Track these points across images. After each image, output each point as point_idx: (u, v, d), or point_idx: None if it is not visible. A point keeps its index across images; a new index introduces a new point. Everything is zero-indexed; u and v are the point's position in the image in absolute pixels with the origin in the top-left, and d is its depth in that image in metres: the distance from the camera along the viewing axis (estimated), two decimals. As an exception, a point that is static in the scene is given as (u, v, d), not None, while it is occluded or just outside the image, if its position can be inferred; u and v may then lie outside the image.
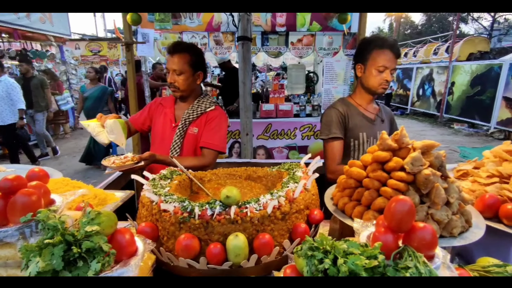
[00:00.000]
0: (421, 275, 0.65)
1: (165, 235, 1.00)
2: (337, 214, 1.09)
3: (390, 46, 1.57)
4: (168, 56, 1.73)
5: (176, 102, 1.91)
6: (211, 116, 1.83)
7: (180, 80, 1.73)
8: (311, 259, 0.71)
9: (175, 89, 1.76)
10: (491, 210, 1.07)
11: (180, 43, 1.82)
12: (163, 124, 1.86)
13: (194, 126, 1.81)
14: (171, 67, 1.72)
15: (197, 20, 4.04)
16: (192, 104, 1.84)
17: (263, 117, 4.32)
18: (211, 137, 1.80)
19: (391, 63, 1.57)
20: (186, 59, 1.72)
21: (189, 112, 1.81)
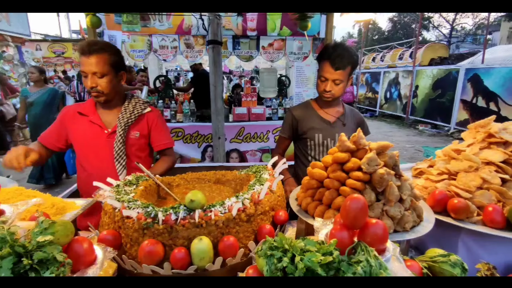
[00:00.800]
0: (371, 268, 0.69)
1: (128, 242, 0.98)
2: (300, 214, 1.13)
3: (330, 59, 1.64)
4: (83, 57, 1.54)
5: (97, 108, 1.73)
6: (153, 118, 1.80)
7: (103, 83, 1.58)
8: (270, 258, 0.73)
9: (98, 94, 1.60)
10: (440, 204, 1.15)
11: (95, 42, 1.61)
12: (92, 134, 1.68)
13: (134, 131, 1.73)
14: (89, 70, 1.54)
15: (167, 23, 3.99)
16: (124, 107, 1.72)
17: (236, 120, 4.33)
18: (165, 137, 1.83)
19: (330, 74, 1.65)
20: (106, 59, 1.57)
21: (126, 116, 1.69)
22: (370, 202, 0.99)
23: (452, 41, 24.00)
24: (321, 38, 4.27)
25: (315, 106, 1.87)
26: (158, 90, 4.60)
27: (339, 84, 1.68)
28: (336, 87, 1.69)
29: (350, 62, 1.65)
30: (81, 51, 1.54)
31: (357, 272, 0.68)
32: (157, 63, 6.49)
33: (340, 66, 1.63)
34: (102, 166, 1.65)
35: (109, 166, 1.66)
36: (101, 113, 1.73)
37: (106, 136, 1.68)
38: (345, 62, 1.63)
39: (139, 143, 1.78)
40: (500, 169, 1.19)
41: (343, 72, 1.65)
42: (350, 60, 1.65)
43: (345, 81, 1.70)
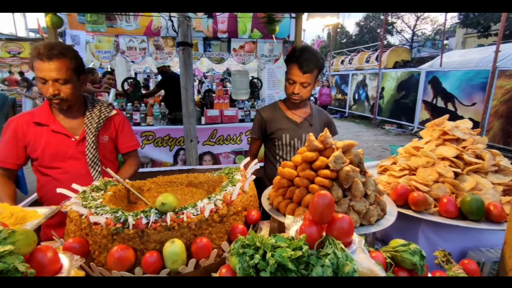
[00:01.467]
0: (338, 259, 0.73)
1: (97, 250, 0.95)
2: (272, 213, 1.15)
3: (298, 62, 1.69)
4: (41, 62, 1.42)
5: (56, 115, 1.62)
6: (119, 121, 1.79)
7: (67, 90, 1.49)
8: (242, 256, 0.75)
9: (61, 101, 1.50)
10: (402, 198, 1.23)
11: (53, 45, 1.47)
12: (57, 144, 1.58)
13: (104, 135, 1.69)
14: (50, 76, 1.43)
15: (135, 23, 3.89)
16: (88, 112, 1.65)
17: (208, 123, 4.31)
18: (130, 140, 1.83)
19: (298, 77, 1.71)
20: (68, 64, 1.48)
21: (94, 121, 1.63)
22: (338, 198, 1.04)
23: (413, 45, 25.49)
24: (291, 41, 4.37)
25: (282, 107, 1.92)
26: (127, 92, 4.46)
27: (307, 87, 1.74)
28: (304, 89, 1.74)
29: (317, 65, 1.71)
30: (38, 55, 1.41)
31: (325, 264, 0.72)
32: (125, 65, 6.28)
33: (307, 70, 1.69)
34: (73, 175, 1.57)
35: (83, 175, 1.59)
36: (61, 120, 1.62)
37: (74, 144, 1.60)
38: (312, 66, 1.69)
39: (109, 147, 1.74)
40: (453, 164, 1.30)
41: (310, 75, 1.71)
42: (317, 63, 1.71)
43: (312, 83, 1.76)
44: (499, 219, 1.13)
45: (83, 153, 1.60)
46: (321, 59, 1.76)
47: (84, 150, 1.60)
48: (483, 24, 17.10)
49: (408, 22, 26.61)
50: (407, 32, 27.22)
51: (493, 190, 1.21)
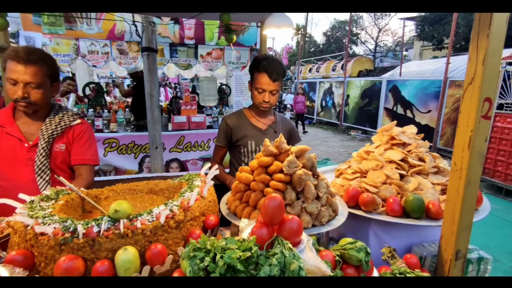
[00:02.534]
0: (285, 258, 0.77)
1: (43, 261, 0.91)
2: (229, 217, 1.18)
3: (267, 70, 1.74)
4: (16, 64, 1.42)
5: (16, 118, 1.58)
6: (80, 130, 1.68)
7: (38, 95, 1.49)
8: (193, 259, 0.76)
9: (28, 104, 1.49)
10: (353, 199, 1.31)
11: (33, 50, 1.50)
12: (8, 147, 1.53)
13: (59, 143, 1.61)
14: (24, 79, 1.43)
15: (96, 27, 3.77)
16: (49, 118, 1.60)
17: (175, 129, 4.25)
18: (85, 152, 1.68)
19: (268, 86, 1.77)
20: (44, 70, 1.49)
21: (51, 128, 1.58)
22: (291, 201, 1.09)
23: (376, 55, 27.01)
24: (257, 49, 4.47)
25: (248, 115, 1.96)
26: (88, 97, 4.28)
27: (275, 94, 1.81)
28: (273, 97, 1.81)
29: (283, 73, 1.79)
30: (16, 57, 1.41)
31: (272, 263, 0.75)
32: (87, 69, 6.04)
33: (277, 78, 1.75)
34: (21, 182, 1.48)
35: (29, 182, 1.50)
36: (21, 124, 1.57)
37: (26, 149, 1.53)
38: (281, 74, 1.77)
39: (63, 156, 1.65)
40: (399, 166, 1.41)
41: (279, 83, 1.78)
42: (283, 71, 1.79)
43: (279, 91, 1.84)
44: (437, 216, 1.24)
45: (33, 160, 1.53)
46: (285, 67, 1.84)
47: (34, 157, 1.52)
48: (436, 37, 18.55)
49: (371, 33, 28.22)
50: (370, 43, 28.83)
51: (433, 189, 1.33)
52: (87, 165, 1.68)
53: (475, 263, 1.27)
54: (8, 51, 1.47)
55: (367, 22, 28.85)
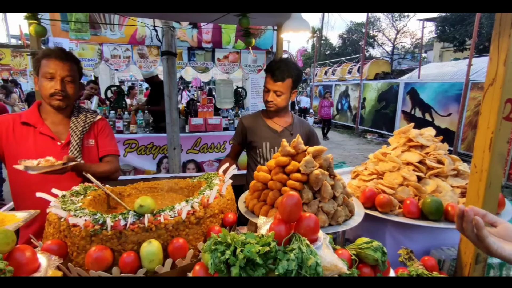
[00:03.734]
0: (303, 254, 0.79)
1: (75, 251, 0.98)
2: (247, 215, 1.21)
3: (271, 71, 1.80)
4: (54, 60, 1.56)
5: (44, 118, 1.67)
6: (102, 125, 1.82)
7: (72, 89, 1.63)
8: (214, 252, 0.80)
9: (63, 97, 1.59)
10: (370, 200, 1.32)
11: (66, 50, 1.68)
12: (43, 146, 1.60)
13: (89, 139, 1.74)
14: (61, 74, 1.57)
15: (119, 32, 3.92)
16: (74, 117, 1.71)
17: (192, 131, 4.34)
18: (110, 144, 1.82)
19: (271, 86, 1.82)
20: (76, 68, 1.67)
21: (80, 125, 1.69)
22: (308, 200, 1.11)
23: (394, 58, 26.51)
24: (273, 52, 4.51)
25: (264, 116, 1.99)
26: (110, 100, 4.44)
27: (281, 96, 1.83)
28: (278, 98, 1.83)
29: (289, 75, 1.79)
30: (54, 55, 1.56)
31: (290, 258, 0.78)
32: (109, 73, 6.26)
33: (279, 79, 1.78)
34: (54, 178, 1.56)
35: (64, 179, 1.58)
36: (49, 124, 1.66)
37: (59, 148, 1.62)
38: (285, 75, 1.78)
39: (93, 151, 1.76)
40: (417, 168, 1.40)
41: (282, 84, 1.79)
42: (290, 73, 1.79)
43: (287, 93, 1.84)
44: (456, 218, 1.23)
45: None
46: (295, 70, 1.83)
47: (68, 153, 1.61)
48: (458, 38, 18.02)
49: (389, 35, 27.73)
50: (387, 45, 28.33)
51: (452, 192, 1.32)
52: (113, 155, 1.82)
53: (496, 268, 1.25)
54: (43, 52, 1.60)
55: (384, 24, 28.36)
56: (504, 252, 0.70)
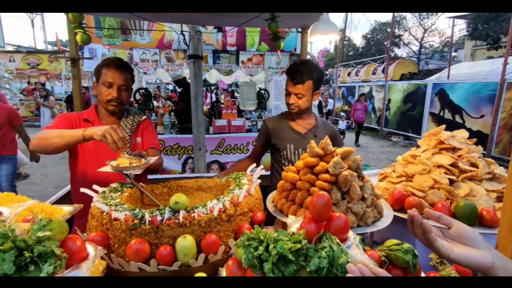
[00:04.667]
0: (334, 252, 0.81)
1: (116, 243, 1.05)
2: (275, 214, 1.24)
3: (290, 74, 1.83)
4: (114, 70, 1.73)
5: (101, 118, 1.84)
6: (147, 124, 1.97)
7: (125, 96, 1.81)
8: (248, 248, 0.84)
9: (118, 104, 1.77)
10: (399, 203, 1.31)
11: (124, 61, 1.86)
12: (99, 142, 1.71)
13: (136, 136, 1.89)
14: (119, 82, 1.74)
15: (148, 37, 4.09)
16: (124, 118, 1.89)
17: (216, 132, 4.43)
18: (154, 140, 1.96)
19: (291, 89, 1.84)
20: (130, 77, 1.83)
21: (129, 124, 1.87)
22: (336, 201, 1.12)
23: (421, 57, 25.55)
24: (297, 53, 4.52)
25: (288, 118, 2.02)
26: (138, 102, 4.64)
27: (302, 98, 1.84)
28: (299, 100, 1.85)
29: (310, 77, 1.80)
30: (115, 65, 1.74)
31: (321, 256, 0.80)
32: (137, 76, 6.51)
33: (299, 81, 1.80)
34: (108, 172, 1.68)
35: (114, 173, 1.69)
36: (105, 123, 1.83)
37: None
38: (304, 78, 1.79)
39: (140, 147, 1.90)
40: (449, 171, 1.37)
41: (302, 86, 1.80)
42: (310, 75, 1.80)
43: (308, 95, 1.85)
44: (492, 223, 1.19)
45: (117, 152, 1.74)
46: (316, 72, 1.83)
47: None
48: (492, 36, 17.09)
49: (416, 34, 26.76)
50: (414, 44, 27.36)
51: (487, 196, 1.28)
52: (157, 148, 1.94)
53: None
54: (103, 61, 1.79)
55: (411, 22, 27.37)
56: (451, 255, 0.71)
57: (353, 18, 52.82)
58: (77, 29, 1.72)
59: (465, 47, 25.13)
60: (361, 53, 30.40)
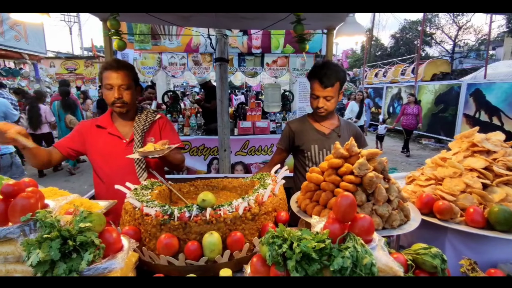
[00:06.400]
0: (357, 253, 0.81)
1: (147, 237, 1.11)
2: (299, 214, 1.25)
3: (318, 78, 1.81)
4: (110, 72, 1.73)
5: (114, 121, 1.89)
6: (162, 122, 1.97)
7: (127, 95, 1.78)
8: (272, 246, 0.86)
9: (122, 104, 1.78)
10: (427, 206, 1.27)
11: (120, 60, 1.83)
12: (111, 145, 1.83)
13: (150, 136, 1.89)
14: (116, 83, 1.73)
15: (176, 41, 4.24)
16: (137, 117, 1.90)
17: (241, 134, 4.49)
18: (174, 137, 1.96)
19: (320, 92, 1.82)
20: (130, 74, 1.80)
21: (141, 124, 1.86)
22: (361, 202, 1.12)
23: (455, 56, 24.28)
24: (322, 55, 4.48)
25: (311, 120, 2.02)
26: (166, 104, 4.82)
27: (330, 100, 1.84)
28: (328, 102, 1.84)
29: (337, 78, 1.80)
30: (110, 66, 1.74)
31: (345, 256, 0.80)
32: (165, 79, 6.75)
33: (328, 84, 1.79)
34: (121, 172, 1.78)
35: (129, 172, 1.79)
36: (118, 125, 1.90)
37: (125, 145, 1.83)
38: (333, 80, 1.78)
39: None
40: (482, 175, 1.31)
41: (332, 89, 1.80)
42: (337, 76, 1.80)
43: (336, 96, 1.85)
44: (529, 230, 1.12)
45: (131, 153, 1.82)
46: (341, 72, 1.83)
47: (132, 150, 1.82)
48: (535, 32, 15.89)
49: (449, 32, 25.48)
50: (447, 43, 26.06)
51: (524, 202, 1.21)
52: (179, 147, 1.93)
53: None
54: (102, 65, 1.81)
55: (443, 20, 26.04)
56: None
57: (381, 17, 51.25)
58: (114, 35, 1.83)
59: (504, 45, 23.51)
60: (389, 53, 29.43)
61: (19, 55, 8.41)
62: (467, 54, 25.79)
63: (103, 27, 2.21)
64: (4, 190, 0.84)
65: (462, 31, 24.97)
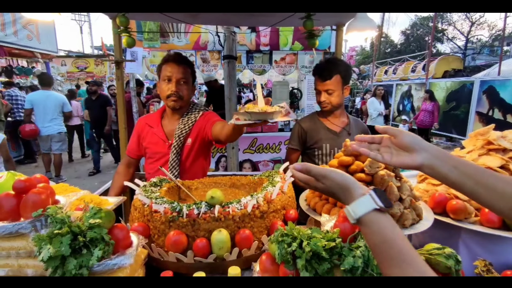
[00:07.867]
0: (369, 252, 0.79)
1: (156, 233, 1.12)
2: (309, 212, 1.24)
3: (318, 73, 1.84)
4: (172, 64, 1.71)
5: (162, 119, 1.89)
6: (204, 117, 1.85)
7: (185, 90, 1.75)
8: (281, 244, 0.85)
9: (177, 98, 1.73)
10: (440, 206, 1.24)
11: (182, 55, 1.81)
12: (155, 145, 1.84)
13: (189, 138, 1.83)
14: (176, 76, 1.70)
15: (185, 39, 4.25)
16: (182, 118, 1.83)
17: (249, 131, 4.48)
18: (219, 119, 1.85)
19: (320, 86, 1.85)
20: (190, 71, 1.78)
21: (181, 127, 1.80)
22: (372, 201, 1.09)
23: (467, 53, 23.75)
24: (331, 52, 4.43)
25: (321, 118, 2.00)
26: None
27: (332, 93, 1.83)
28: (330, 96, 1.83)
29: (336, 71, 1.79)
30: (172, 59, 1.73)
31: (356, 255, 0.79)
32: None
33: (326, 77, 1.79)
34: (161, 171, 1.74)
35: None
36: (165, 125, 1.87)
37: (166, 147, 1.81)
38: (332, 72, 1.79)
39: (193, 148, 1.84)
40: (498, 174, 1.27)
41: (331, 81, 1.79)
42: (336, 69, 1.79)
43: (338, 89, 1.83)
44: (547, 231, 1.09)
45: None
46: (342, 65, 1.84)
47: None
48: (551, 28, 15.41)
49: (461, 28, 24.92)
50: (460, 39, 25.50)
51: (542, 202, 1.17)
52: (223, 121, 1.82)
53: None
54: (163, 58, 1.79)
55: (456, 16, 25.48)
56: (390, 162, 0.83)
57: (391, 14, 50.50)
58: (123, 33, 1.84)
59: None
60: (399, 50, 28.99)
61: (31, 54, 8.57)
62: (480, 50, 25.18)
63: (113, 25, 2.23)
64: (16, 186, 0.86)
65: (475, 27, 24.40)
